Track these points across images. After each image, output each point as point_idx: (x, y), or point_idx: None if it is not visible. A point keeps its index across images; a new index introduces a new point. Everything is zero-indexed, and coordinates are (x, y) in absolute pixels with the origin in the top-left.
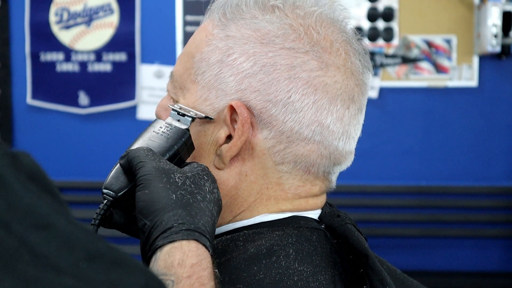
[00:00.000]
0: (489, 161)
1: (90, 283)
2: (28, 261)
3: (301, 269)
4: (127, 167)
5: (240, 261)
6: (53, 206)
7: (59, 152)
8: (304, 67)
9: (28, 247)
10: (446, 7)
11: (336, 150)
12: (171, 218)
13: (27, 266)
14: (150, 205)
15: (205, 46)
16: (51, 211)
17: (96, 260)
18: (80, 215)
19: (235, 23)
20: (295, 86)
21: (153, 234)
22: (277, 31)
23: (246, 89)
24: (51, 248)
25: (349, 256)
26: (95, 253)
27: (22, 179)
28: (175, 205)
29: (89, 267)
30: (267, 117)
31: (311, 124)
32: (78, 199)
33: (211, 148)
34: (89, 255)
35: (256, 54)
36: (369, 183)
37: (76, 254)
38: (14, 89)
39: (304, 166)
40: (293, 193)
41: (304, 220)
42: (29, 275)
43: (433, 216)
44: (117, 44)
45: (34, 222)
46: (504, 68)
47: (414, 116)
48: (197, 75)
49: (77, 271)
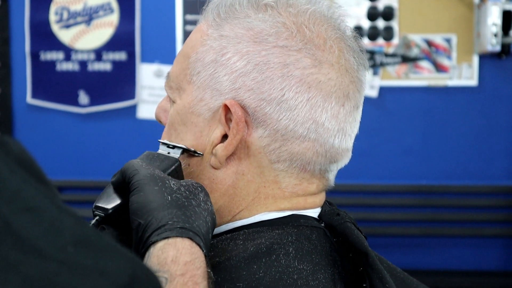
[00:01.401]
0: (489, 160)
1: (74, 268)
2: (11, 244)
3: (300, 268)
4: (121, 180)
5: (240, 260)
6: (40, 190)
7: (59, 151)
8: (297, 65)
9: (13, 230)
10: (446, 6)
11: (332, 148)
12: (165, 216)
13: (10, 249)
14: (144, 205)
15: (200, 46)
16: (38, 195)
17: (83, 245)
18: (80, 215)
19: (229, 23)
20: (288, 84)
21: (147, 231)
22: (269, 30)
23: (240, 88)
24: (36, 232)
25: (349, 255)
26: (82, 238)
27: (9, 164)
28: (170, 205)
29: (75, 252)
30: (261, 115)
31: (305, 121)
32: (78, 198)
33: (207, 148)
34: (76, 240)
35: (249, 53)
36: (369, 182)
37: (62, 239)
38: (14, 88)
39: (300, 164)
40: (291, 192)
41: (304, 219)
42: (11, 258)
43: (433, 215)
44: (117, 43)
45: (20, 205)
46: (504, 67)
47: (414, 115)
48: (193, 76)
49: (63, 255)
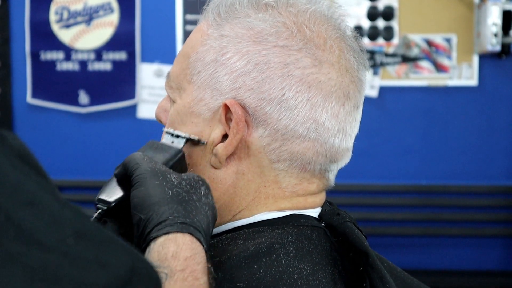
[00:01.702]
0: (489, 160)
1: (75, 260)
2: (13, 237)
3: (301, 267)
4: (123, 173)
5: (240, 259)
6: (41, 184)
7: (59, 151)
8: (298, 64)
9: (15, 223)
10: (446, 6)
11: (332, 147)
12: (166, 211)
13: (11, 241)
14: (145, 200)
15: (200, 46)
16: (39, 189)
17: (84, 238)
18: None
19: (229, 23)
20: (288, 84)
21: (148, 226)
22: (270, 29)
23: (241, 87)
24: (38, 225)
25: (349, 254)
26: (83, 231)
27: (10, 158)
28: (171, 200)
29: (76, 244)
30: (261, 115)
31: (305, 121)
32: (78, 198)
33: (208, 148)
34: (77, 233)
35: (249, 53)
36: (369, 182)
37: (63, 231)
38: (14, 88)
39: (300, 164)
40: (291, 191)
41: (304, 218)
42: (13, 250)
43: (433, 215)
44: (117, 43)
45: (21, 199)
46: (504, 67)
47: (414, 115)
48: (193, 75)
49: (64, 248)
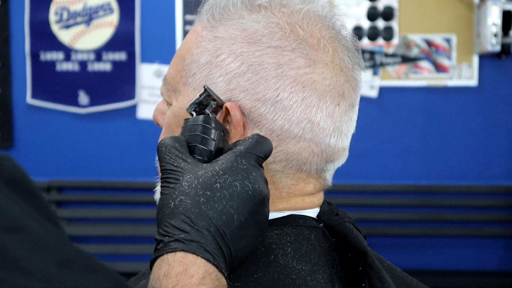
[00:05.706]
0: (488, 160)
1: (57, 286)
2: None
3: (299, 268)
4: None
5: None
6: (26, 210)
7: (58, 151)
8: (291, 65)
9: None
10: (446, 6)
11: (328, 147)
12: (162, 231)
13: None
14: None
15: (195, 48)
16: (24, 214)
17: (66, 265)
18: (80, 215)
19: (223, 24)
20: (283, 84)
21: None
22: (263, 30)
23: (235, 89)
24: (21, 251)
25: (348, 254)
26: (66, 258)
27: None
28: (171, 213)
29: (58, 272)
30: (256, 116)
31: (300, 121)
32: (78, 198)
33: None
34: (59, 260)
35: (243, 54)
36: (369, 182)
37: (46, 258)
38: (14, 89)
39: (296, 164)
40: (287, 192)
41: (303, 219)
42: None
43: (433, 215)
44: (117, 44)
45: (5, 224)
46: (504, 67)
47: (414, 115)
48: (188, 77)
49: (46, 275)
